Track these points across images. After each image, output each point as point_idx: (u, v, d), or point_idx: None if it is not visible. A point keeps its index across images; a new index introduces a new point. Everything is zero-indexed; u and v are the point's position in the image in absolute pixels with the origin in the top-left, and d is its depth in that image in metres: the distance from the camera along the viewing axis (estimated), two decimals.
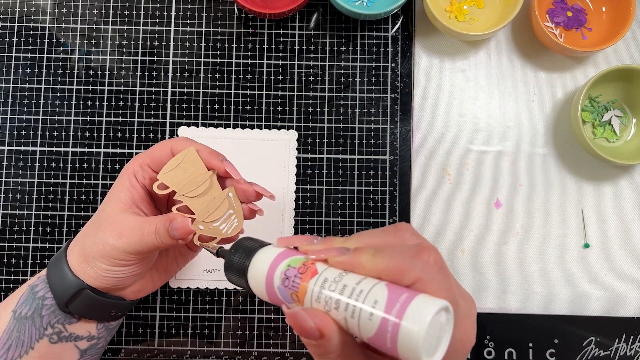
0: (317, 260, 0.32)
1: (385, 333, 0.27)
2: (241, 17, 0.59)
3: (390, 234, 0.33)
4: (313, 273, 0.31)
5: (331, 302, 0.29)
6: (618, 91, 0.58)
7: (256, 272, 0.34)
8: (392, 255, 0.30)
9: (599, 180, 0.59)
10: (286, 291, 0.32)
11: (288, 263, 0.32)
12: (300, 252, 0.33)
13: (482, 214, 0.58)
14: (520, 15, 0.57)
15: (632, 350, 0.55)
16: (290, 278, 0.32)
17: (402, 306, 0.27)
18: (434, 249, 0.30)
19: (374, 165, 0.58)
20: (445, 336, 0.28)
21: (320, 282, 0.30)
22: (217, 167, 0.43)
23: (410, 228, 0.33)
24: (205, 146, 0.43)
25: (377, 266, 0.29)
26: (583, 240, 0.58)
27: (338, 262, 0.31)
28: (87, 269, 0.43)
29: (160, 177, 0.41)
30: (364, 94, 0.59)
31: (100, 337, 0.46)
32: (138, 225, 0.41)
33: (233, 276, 0.36)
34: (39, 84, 0.58)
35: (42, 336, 0.43)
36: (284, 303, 0.32)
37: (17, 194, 0.57)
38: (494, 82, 0.60)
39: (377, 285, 0.29)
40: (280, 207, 0.57)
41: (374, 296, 0.28)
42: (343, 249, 0.31)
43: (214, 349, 0.55)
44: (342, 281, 0.30)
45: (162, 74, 0.58)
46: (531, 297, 0.57)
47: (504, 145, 0.59)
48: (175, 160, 0.42)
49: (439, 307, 0.27)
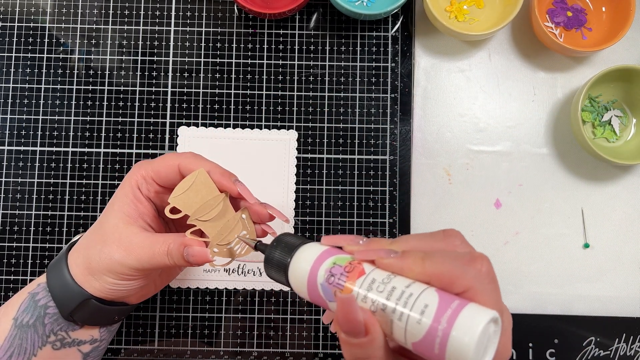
0: (364, 261, 0.31)
1: (434, 339, 0.27)
2: (241, 17, 0.59)
3: (439, 239, 0.32)
4: (360, 273, 0.30)
5: (378, 303, 0.29)
6: (618, 91, 0.58)
7: (298, 269, 0.33)
8: (444, 261, 0.29)
9: (599, 180, 0.59)
10: (330, 289, 0.31)
11: (334, 261, 0.32)
12: (345, 252, 0.32)
13: (482, 214, 0.58)
14: (520, 15, 0.57)
15: (632, 350, 0.55)
16: (335, 275, 0.31)
17: (453, 313, 0.27)
18: (486, 258, 0.30)
19: (374, 165, 0.58)
20: (491, 347, 0.28)
21: (368, 283, 0.30)
22: (231, 190, 0.41)
23: (460, 235, 0.32)
24: (215, 165, 0.42)
25: (427, 271, 0.29)
26: (583, 240, 0.58)
27: (386, 264, 0.30)
28: (92, 281, 0.42)
29: (172, 200, 0.40)
30: (364, 94, 0.59)
31: (102, 339, 0.46)
32: (148, 243, 0.40)
33: (273, 271, 0.35)
34: (39, 84, 0.58)
35: (45, 343, 0.43)
36: (327, 303, 0.31)
37: (17, 194, 0.57)
38: (494, 82, 0.60)
39: (427, 290, 0.28)
40: (280, 207, 0.57)
41: (424, 300, 0.28)
42: (391, 251, 0.31)
43: (214, 349, 0.55)
44: (391, 283, 0.29)
45: (162, 74, 0.58)
46: (531, 297, 0.57)
47: (504, 145, 0.59)
48: (186, 182, 0.40)
49: (490, 317, 0.27)
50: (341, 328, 0.29)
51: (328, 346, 0.56)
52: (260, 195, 0.42)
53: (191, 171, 0.41)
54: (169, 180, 0.42)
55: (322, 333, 0.56)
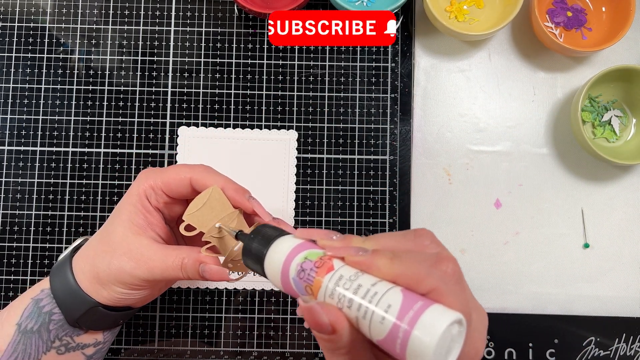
0: (334, 257, 0.32)
1: (396, 338, 0.27)
2: (241, 17, 0.59)
3: (410, 239, 0.32)
4: (329, 269, 0.31)
5: (344, 300, 0.29)
6: (618, 91, 0.58)
7: (273, 261, 0.34)
8: (410, 262, 0.29)
9: (599, 180, 0.59)
10: (301, 283, 0.32)
11: (305, 255, 0.32)
12: (318, 246, 0.33)
13: (482, 214, 0.58)
14: (520, 15, 0.57)
15: (632, 350, 0.55)
16: (306, 271, 0.31)
17: (415, 314, 0.27)
18: (453, 259, 0.30)
19: (374, 165, 0.58)
20: (455, 348, 0.28)
21: (336, 279, 0.30)
22: (245, 207, 0.41)
23: (430, 235, 0.32)
24: (228, 180, 0.42)
25: (394, 271, 0.29)
26: (583, 240, 0.58)
27: (355, 261, 0.31)
28: (100, 290, 0.42)
29: (187, 218, 0.40)
30: (364, 94, 0.59)
31: (105, 341, 0.46)
32: (160, 256, 0.40)
33: (249, 262, 0.36)
34: (39, 84, 0.58)
35: (49, 348, 0.43)
36: (299, 296, 0.32)
37: (17, 194, 0.57)
38: (494, 82, 0.60)
39: (392, 289, 0.29)
40: (280, 207, 0.57)
41: (388, 300, 0.28)
42: (361, 249, 0.31)
43: (214, 349, 0.55)
44: (357, 280, 0.30)
45: (162, 74, 0.58)
46: (531, 297, 0.57)
47: (504, 145, 0.59)
48: (201, 199, 0.40)
49: (453, 319, 0.27)
50: (310, 327, 0.30)
51: None
52: (260, 196, 0.42)
53: (204, 186, 0.41)
54: (178, 193, 0.42)
55: None
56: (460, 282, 0.30)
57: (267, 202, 0.55)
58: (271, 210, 0.57)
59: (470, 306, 0.30)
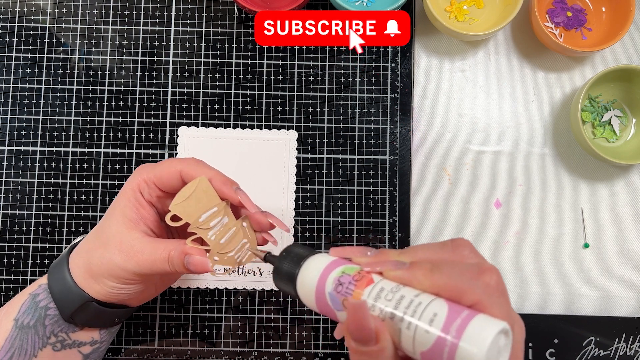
0: (372, 272, 0.31)
1: (442, 349, 0.26)
2: (241, 17, 0.59)
3: (448, 250, 0.32)
4: (369, 282, 0.30)
5: (387, 312, 0.29)
6: (618, 91, 0.58)
7: (306, 279, 0.33)
8: (452, 274, 0.29)
9: (598, 180, 0.59)
10: (338, 297, 0.31)
11: (342, 270, 0.32)
12: (353, 264, 0.32)
13: (482, 214, 0.58)
14: (520, 15, 0.57)
15: (632, 350, 0.55)
16: (344, 284, 0.31)
17: (462, 323, 0.26)
18: (496, 270, 0.30)
19: (374, 165, 0.58)
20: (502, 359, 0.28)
21: (377, 291, 0.29)
22: (232, 199, 0.41)
23: (469, 245, 0.32)
24: (217, 173, 0.42)
25: (436, 283, 0.29)
26: (583, 240, 0.58)
27: (394, 276, 0.30)
28: (93, 284, 0.42)
29: (173, 208, 0.39)
30: (364, 94, 0.59)
31: (103, 340, 0.46)
32: (149, 249, 0.40)
33: (281, 282, 0.35)
34: (39, 84, 0.58)
35: (45, 345, 0.43)
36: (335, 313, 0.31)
37: (17, 194, 0.57)
38: (494, 82, 0.60)
39: (436, 299, 0.28)
40: (280, 207, 0.57)
41: (433, 310, 0.27)
42: (399, 262, 0.30)
43: (214, 349, 0.55)
44: (400, 292, 0.29)
45: (162, 74, 0.58)
46: (531, 297, 0.57)
47: (504, 145, 0.59)
48: (187, 189, 0.40)
49: (500, 329, 0.26)
50: (351, 335, 0.28)
51: (328, 346, 0.56)
52: (260, 196, 0.42)
53: (193, 178, 0.41)
54: (170, 186, 0.42)
55: (322, 333, 0.56)
56: (504, 294, 0.29)
57: (267, 202, 0.56)
58: (271, 210, 0.57)
59: (513, 317, 0.29)
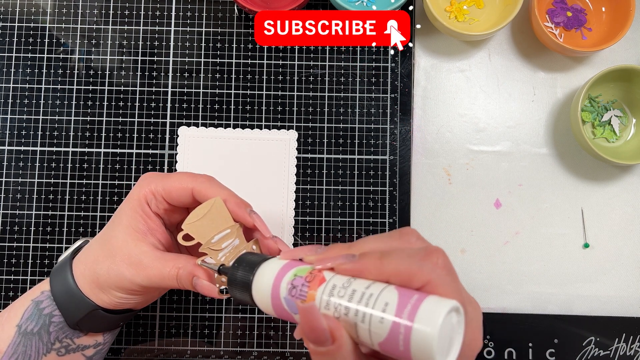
0: (324, 269, 0.31)
1: (397, 336, 0.27)
2: (241, 17, 0.59)
3: (396, 238, 0.32)
4: (321, 281, 0.30)
5: (341, 308, 0.29)
6: (618, 91, 0.58)
7: (261, 285, 0.33)
8: (400, 259, 0.29)
9: (598, 180, 0.59)
10: (293, 301, 0.31)
11: (294, 273, 0.32)
12: (305, 263, 0.33)
13: (482, 214, 0.58)
14: (520, 15, 0.57)
15: (632, 350, 0.55)
16: (297, 287, 0.31)
17: (413, 307, 0.27)
18: (442, 251, 0.30)
19: (374, 165, 0.58)
20: (457, 338, 0.28)
21: (329, 289, 0.30)
22: (246, 222, 0.41)
23: (415, 232, 0.32)
24: (231, 194, 0.41)
25: (385, 270, 0.29)
26: (583, 240, 0.58)
27: (345, 269, 0.30)
28: (100, 294, 0.42)
29: (186, 227, 0.39)
30: (364, 94, 0.59)
31: (105, 342, 0.46)
32: (158, 264, 0.40)
33: (237, 292, 0.35)
34: (39, 84, 0.58)
35: (49, 350, 0.43)
36: (292, 316, 0.31)
37: (17, 194, 0.57)
38: (494, 82, 0.60)
39: (387, 288, 0.29)
40: (280, 207, 0.57)
41: (385, 299, 0.28)
42: (349, 255, 0.31)
43: (214, 349, 0.55)
44: (351, 286, 0.29)
45: (162, 74, 0.58)
46: (531, 297, 0.57)
47: (504, 145, 0.59)
48: (202, 209, 0.39)
49: (450, 307, 0.27)
50: (307, 337, 0.29)
51: None
52: (260, 196, 0.42)
53: (205, 197, 0.40)
54: (179, 202, 0.42)
55: None
56: (452, 273, 0.30)
57: (267, 203, 0.56)
58: (271, 210, 0.57)
59: (464, 296, 0.30)
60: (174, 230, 0.46)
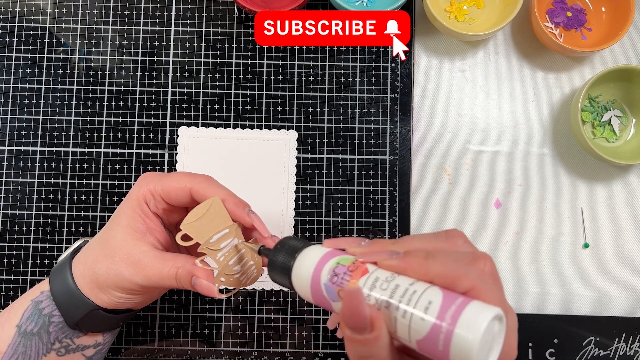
0: (367, 262, 0.31)
1: (438, 336, 0.26)
2: (241, 17, 0.59)
3: (442, 239, 0.32)
4: (364, 272, 0.30)
5: (382, 301, 0.29)
6: (618, 91, 0.58)
7: (301, 270, 0.33)
8: (446, 261, 0.29)
9: (598, 180, 0.59)
10: (333, 288, 0.31)
11: (337, 261, 0.32)
12: (347, 254, 0.32)
13: (482, 214, 0.58)
14: (520, 15, 0.57)
15: (631, 350, 0.55)
16: (339, 275, 0.31)
17: (457, 310, 0.26)
18: (489, 257, 0.30)
19: (373, 165, 0.58)
20: (496, 347, 0.28)
21: (372, 281, 0.30)
22: (245, 222, 0.41)
23: (462, 235, 0.32)
24: (229, 194, 0.41)
25: (430, 270, 0.29)
26: (583, 240, 0.58)
27: (389, 265, 0.30)
28: (100, 294, 0.42)
29: (184, 227, 0.39)
30: (364, 94, 0.59)
31: (105, 342, 0.46)
32: (157, 264, 0.40)
33: (276, 275, 0.35)
34: (39, 84, 0.58)
35: (49, 350, 0.43)
36: (330, 304, 0.31)
37: (17, 194, 0.57)
38: (493, 82, 0.60)
39: (431, 287, 0.28)
40: (280, 207, 0.57)
41: (428, 297, 0.28)
42: (393, 252, 0.31)
43: (214, 349, 0.55)
44: (394, 281, 0.29)
45: (162, 74, 0.58)
46: (531, 297, 0.57)
47: (504, 145, 0.59)
48: (200, 209, 0.39)
49: (495, 314, 0.26)
50: (346, 323, 0.28)
51: (328, 346, 0.56)
52: (260, 196, 0.42)
53: (204, 197, 0.40)
54: (178, 201, 0.42)
55: (322, 333, 0.56)
56: (497, 281, 0.30)
57: (266, 203, 0.56)
58: (271, 210, 0.57)
59: (506, 306, 0.29)
60: (173, 230, 0.46)
